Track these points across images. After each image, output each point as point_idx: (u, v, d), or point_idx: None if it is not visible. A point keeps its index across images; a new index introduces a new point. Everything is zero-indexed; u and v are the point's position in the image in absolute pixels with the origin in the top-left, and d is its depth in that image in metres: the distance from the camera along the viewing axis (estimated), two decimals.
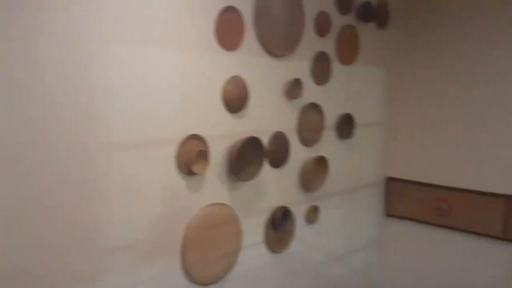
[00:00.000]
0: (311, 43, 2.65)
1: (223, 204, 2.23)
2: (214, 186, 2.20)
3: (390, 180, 3.38)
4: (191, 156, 2.02)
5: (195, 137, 2.06)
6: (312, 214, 2.78)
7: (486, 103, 2.90)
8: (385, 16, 3.16)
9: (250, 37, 2.28)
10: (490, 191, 2.88)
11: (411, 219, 3.29)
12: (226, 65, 2.19)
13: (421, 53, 3.17)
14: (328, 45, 2.78)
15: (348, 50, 2.91)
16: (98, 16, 1.70)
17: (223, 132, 2.22)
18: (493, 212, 2.86)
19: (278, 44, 2.43)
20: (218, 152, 2.20)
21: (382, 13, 3.12)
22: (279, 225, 2.52)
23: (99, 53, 1.72)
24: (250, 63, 2.30)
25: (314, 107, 2.70)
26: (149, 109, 1.90)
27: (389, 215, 3.41)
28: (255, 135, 2.26)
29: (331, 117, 2.86)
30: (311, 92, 2.68)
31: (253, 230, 2.45)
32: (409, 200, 3.28)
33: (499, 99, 2.83)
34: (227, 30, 2.14)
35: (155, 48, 1.89)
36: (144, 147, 1.90)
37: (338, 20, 2.81)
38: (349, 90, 2.99)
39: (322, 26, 2.68)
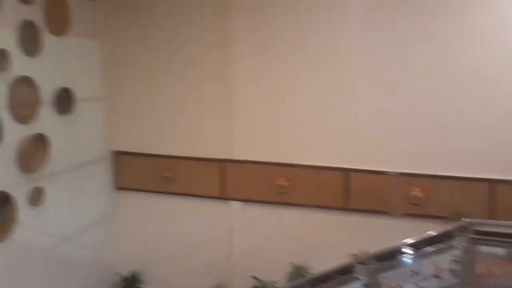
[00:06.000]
0: (14, 10, 2.43)
1: None
2: None
3: (118, 154, 3.41)
4: None
5: None
6: (36, 196, 2.61)
7: (200, 74, 3.16)
8: None
9: None
10: (209, 156, 3.17)
11: (140, 190, 3.39)
12: None
13: (133, 27, 3.24)
14: (35, 13, 2.59)
15: (58, 20, 2.78)
16: None
17: None
18: (212, 176, 3.16)
19: None
20: None
21: None
22: None
23: None
24: None
25: (26, 81, 2.52)
26: None
27: (119, 188, 3.44)
28: None
29: (47, 91, 2.70)
30: (21, 64, 2.49)
31: None
32: (137, 172, 3.38)
33: (209, 69, 3.12)
34: None
35: None
36: None
37: None
38: (64, 63, 2.87)
39: None
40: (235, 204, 3.16)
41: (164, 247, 3.35)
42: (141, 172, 3.35)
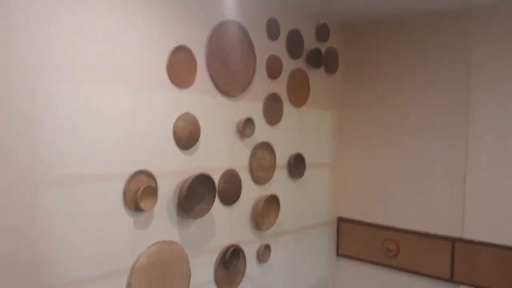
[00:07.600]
0: (263, 85, 2.73)
1: (172, 242, 2.21)
2: (162, 224, 2.17)
3: (341, 220, 3.42)
4: (139, 192, 2.00)
5: (144, 173, 2.05)
6: (264, 253, 2.77)
7: (430, 145, 3.00)
8: (334, 62, 3.28)
9: (202, 76, 2.34)
10: (437, 233, 2.92)
11: (360, 259, 3.30)
12: (178, 102, 2.23)
13: (366, 98, 3.29)
14: (279, 87, 2.87)
15: (299, 93, 3.01)
16: (43, 51, 1.72)
17: (173, 168, 2.22)
18: (440, 254, 2.88)
19: (230, 84, 2.50)
20: (167, 189, 2.19)
21: (331, 59, 3.24)
22: (230, 264, 2.50)
23: (45, 88, 1.72)
24: (202, 101, 2.35)
25: (266, 146, 2.76)
26: (95, 143, 1.89)
27: (339, 255, 3.42)
28: (206, 172, 2.26)
29: (282, 156, 2.91)
30: (263, 132, 2.75)
31: (203, 269, 2.42)
32: (358, 240, 3.31)
33: (441, 142, 2.94)
34: (180, 69, 2.20)
35: (104, 84, 1.92)
36: (89, 182, 1.88)
37: (289, 64, 2.92)
38: (299, 131, 3.06)
39: (274, 69, 2.78)
40: None
41: None
42: (362, 241, 3.29)
